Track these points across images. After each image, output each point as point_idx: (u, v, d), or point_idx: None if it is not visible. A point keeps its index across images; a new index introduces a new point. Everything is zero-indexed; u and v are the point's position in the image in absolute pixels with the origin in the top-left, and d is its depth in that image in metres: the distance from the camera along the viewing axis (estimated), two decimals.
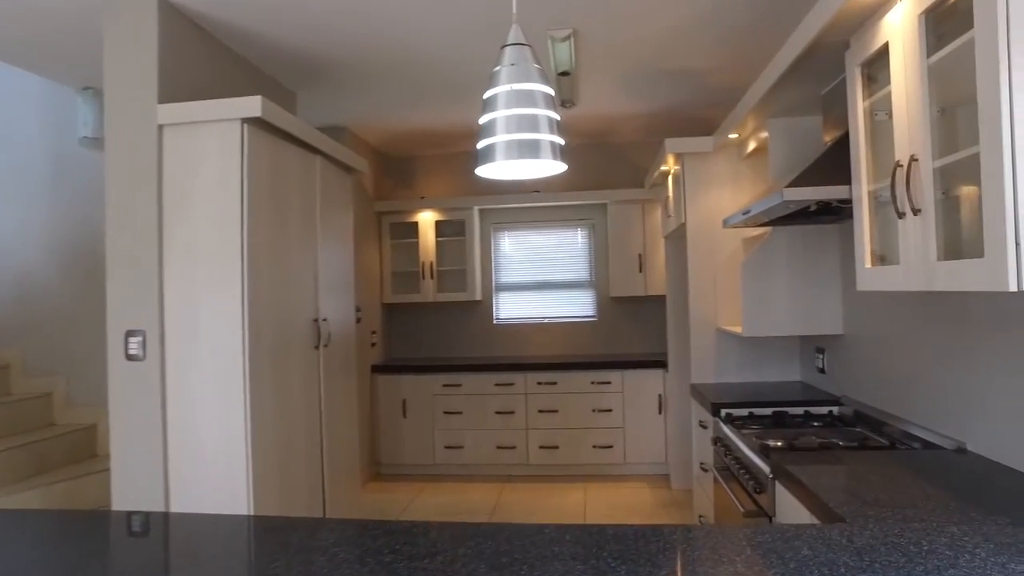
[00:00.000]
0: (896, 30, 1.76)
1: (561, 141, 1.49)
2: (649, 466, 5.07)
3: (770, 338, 3.61)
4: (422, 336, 5.88)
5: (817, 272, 3.06)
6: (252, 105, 2.61)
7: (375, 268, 5.52)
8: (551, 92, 1.48)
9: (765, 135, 3.30)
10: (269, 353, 2.78)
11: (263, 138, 2.76)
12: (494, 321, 5.82)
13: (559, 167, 1.57)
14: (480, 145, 1.48)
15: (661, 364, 4.98)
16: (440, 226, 5.66)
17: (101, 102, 3.76)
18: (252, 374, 2.63)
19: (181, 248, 2.64)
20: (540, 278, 5.80)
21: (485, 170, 1.56)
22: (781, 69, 2.46)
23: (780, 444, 2.29)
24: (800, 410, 2.93)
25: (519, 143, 1.41)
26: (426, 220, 5.57)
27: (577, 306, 5.77)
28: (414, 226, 5.67)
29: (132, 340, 2.61)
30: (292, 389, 2.98)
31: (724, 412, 2.96)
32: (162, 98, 2.67)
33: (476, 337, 5.82)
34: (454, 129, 5.07)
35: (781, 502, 2.01)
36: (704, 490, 3.36)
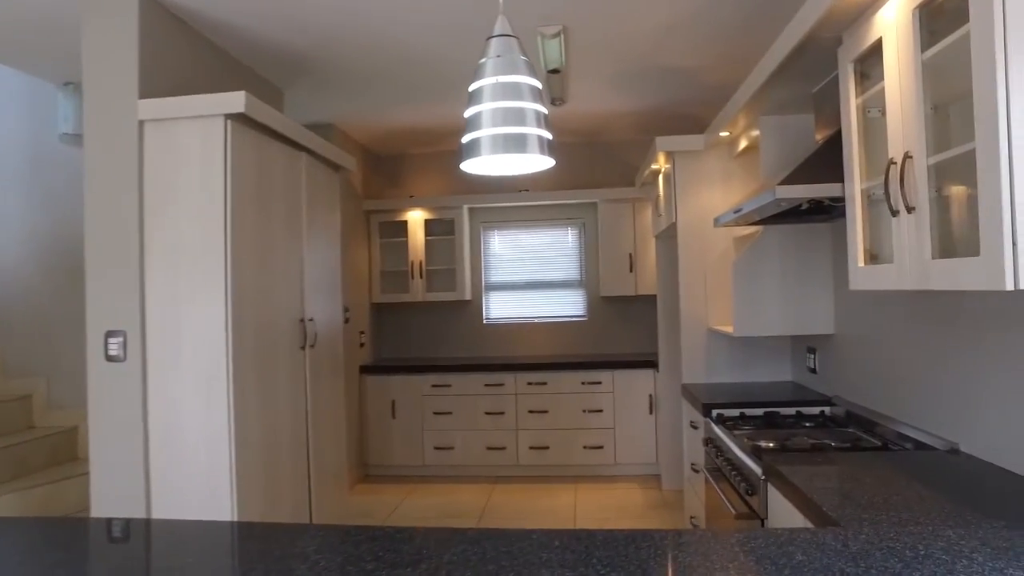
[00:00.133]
0: (890, 25, 1.73)
1: (549, 135, 1.45)
2: (640, 467, 5.05)
3: (761, 338, 3.59)
4: (411, 336, 5.83)
5: (808, 271, 3.04)
6: (235, 101, 2.55)
7: (363, 267, 5.46)
8: (538, 85, 1.44)
9: (756, 133, 3.28)
10: (253, 354, 2.73)
11: (247, 135, 2.71)
12: (484, 321, 5.78)
13: (547, 162, 1.52)
14: (465, 139, 1.44)
15: (652, 364, 4.96)
16: (429, 225, 5.61)
17: (82, 98, 3.69)
18: (236, 375, 2.58)
19: (163, 247, 2.58)
20: (530, 278, 5.76)
21: (470, 165, 1.51)
22: (773, 66, 2.44)
23: (772, 445, 2.27)
24: (792, 410, 2.91)
25: (505, 137, 1.36)
26: (415, 219, 5.52)
27: (567, 306, 5.73)
28: (403, 225, 5.62)
29: (112, 341, 2.55)
30: (277, 390, 2.93)
31: (715, 413, 2.93)
32: (143, 93, 2.61)
33: (466, 337, 5.78)
34: (444, 127, 5.02)
35: (773, 504, 1.98)
36: (695, 491, 3.33)
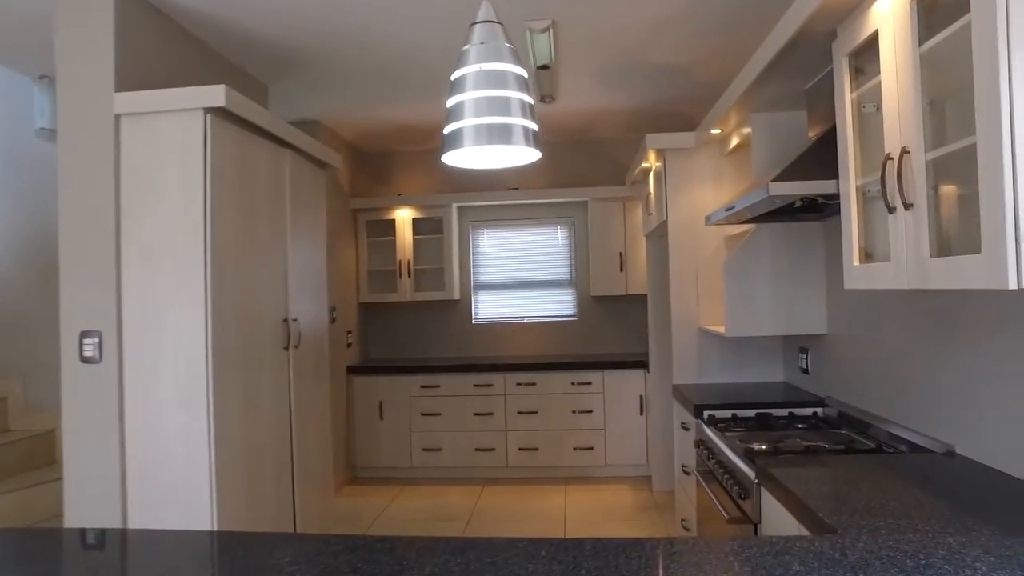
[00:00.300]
0: (886, 17, 1.69)
1: (535, 126, 1.38)
2: (630, 468, 5.00)
3: (753, 338, 3.55)
4: (399, 336, 5.76)
5: (801, 270, 3.00)
6: (215, 94, 2.48)
7: (351, 267, 5.39)
8: (524, 74, 1.38)
9: (748, 131, 3.24)
10: (235, 355, 2.66)
11: (228, 130, 2.64)
12: (473, 321, 5.72)
13: (533, 154, 1.46)
14: (446, 130, 1.37)
15: (642, 364, 4.91)
16: (417, 224, 5.54)
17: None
18: (216, 377, 2.51)
19: (140, 244, 2.51)
20: (520, 277, 5.70)
21: (452, 157, 1.44)
22: (765, 61, 2.39)
23: (764, 447, 2.23)
24: (784, 411, 2.87)
25: (489, 128, 1.30)
26: (403, 217, 5.45)
27: (557, 306, 5.68)
28: (391, 224, 5.54)
29: (87, 341, 2.47)
30: (260, 392, 2.86)
31: (707, 414, 2.89)
32: (119, 87, 2.53)
33: (454, 337, 5.71)
34: (432, 124, 4.96)
35: (767, 508, 1.93)
36: (686, 493, 3.29)
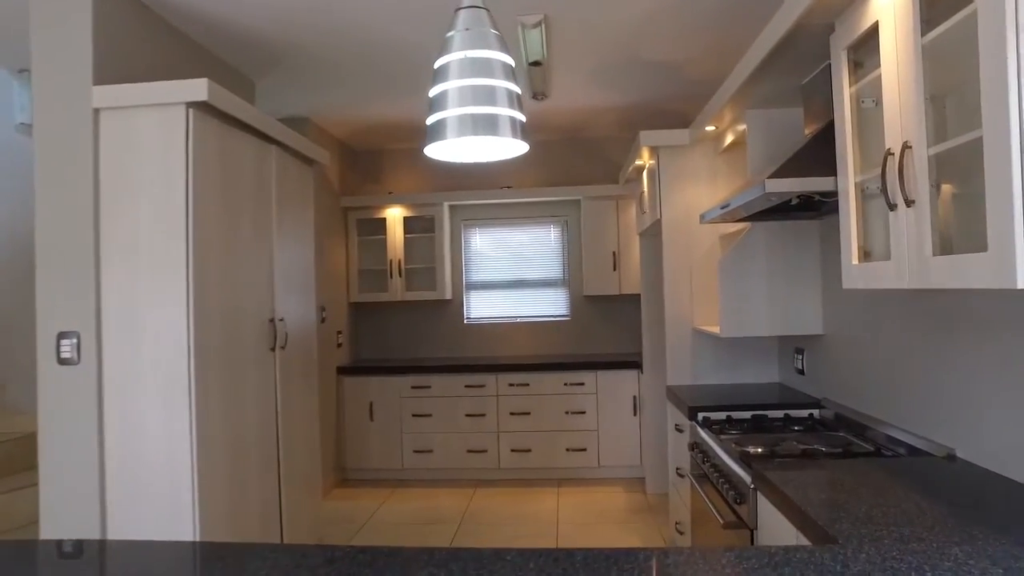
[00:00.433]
0: (887, 9, 1.63)
1: (523, 117, 1.31)
2: (624, 469, 4.95)
3: (748, 338, 3.50)
4: (390, 336, 5.69)
5: (797, 270, 2.95)
6: (197, 88, 2.41)
7: (341, 266, 5.31)
8: (511, 62, 1.31)
9: (743, 128, 3.19)
10: (219, 356, 2.59)
11: (211, 125, 2.57)
12: (465, 321, 5.65)
13: (520, 147, 1.39)
14: (429, 121, 1.30)
15: (636, 365, 4.86)
16: (409, 222, 5.47)
17: None
18: (199, 379, 2.44)
19: (120, 242, 2.44)
20: (512, 276, 5.64)
21: (435, 149, 1.38)
22: (761, 56, 2.34)
23: (760, 451, 2.17)
24: (780, 413, 2.82)
25: (473, 118, 1.23)
26: (394, 216, 5.38)
27: (550, 305, 5.62)
28: (381, 222, 5.47)
29: (65, 342, 2.40)
30: (245, 394, 2.79)
31: (701, 416, 2.84)
32: (98, 80, 2.46)
33: (446, 337, 5.65)
34: (423, 121, 4.89)
35: (764, 514, 1.88)
36: (681, 496, 3.24)
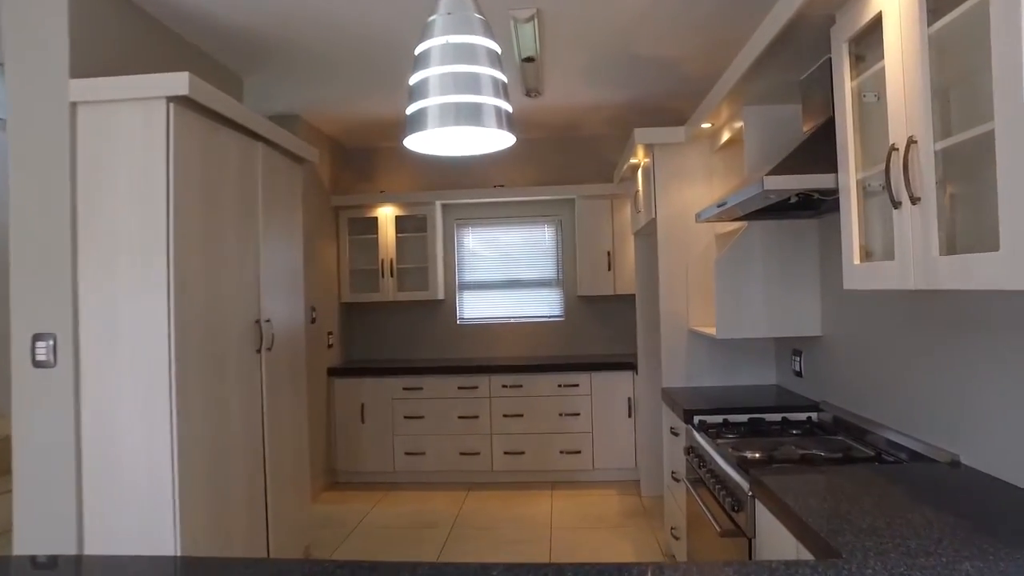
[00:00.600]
0: None
1: (508, 107, 1.24)
2: (618, 472, 4.89)
3: (744, 340, 3.44)
4: (382, 337, 5.62)
5: (794, 270, 2.89)
6: (178, 82, 2.34)
7: (332, 265, 5.24)
8: (497, 49, 1.24)
9: (740, 125, 3.12)
10: (201, 358, 2.51)
11: (193, 120, 2.49)
12: (457, 321, 5.58)
13: (506, 139, 1.32)
14: (409, 110, 1.23)
15: (631, 366, 4.80)
16: (401, 222, 5.40)
17: None
18: (180, 382, 2.36)
19: (98, 241, 2.36)
20: (505, 276, 5.57)
21: (415, 141, 1.31)
22: (759, 50, 2.28)
23: (758, 456, 2.12)
24: (777, 416, 2.76)
25: (456, 107, 1.16)
26: (386, 215, 5.30)
27: (544, 306, 5.56)
28: (373, 221, 5.39)
29: (40, 344, 2.32)
30: (229, 398, 2.72)
31: (697, 419, 2.77)
32: (75, 73, 2.38)
33: (438, 338, 5.57)
34: None
35: (762, 522, 1.82)
36: (676, 501, 3.17)
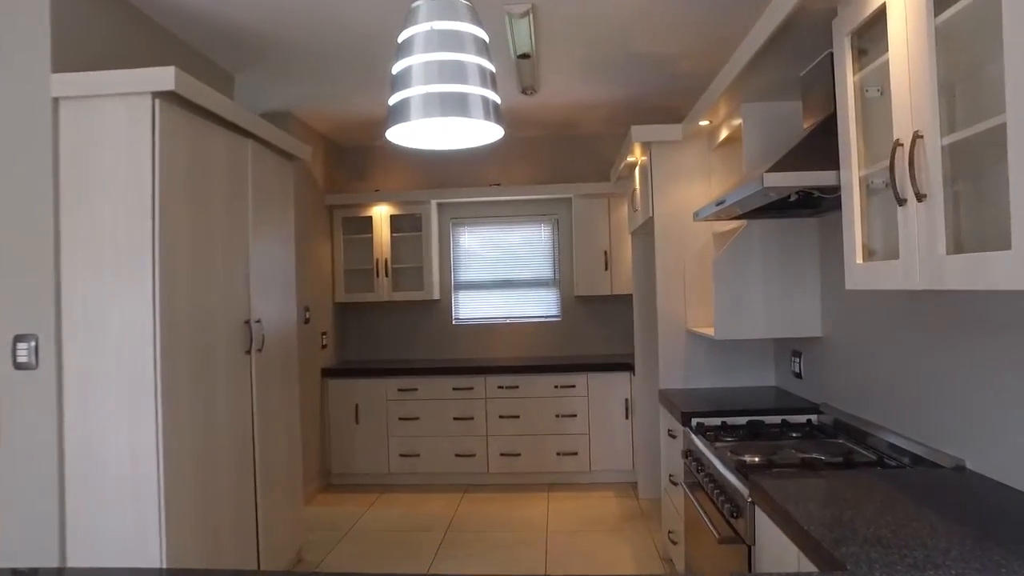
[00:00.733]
0: None
1: (497, 98, 1.18)
2: (616, 474, 4.84)
3: (743, 341, 3.39)
4: (376, 337, 5.56)
5: (794, 269, 2.84)
6: (164, 77, 2.28)
7: (326, 265, 5.18)
8: (484, 36, 1.19)
9: (738, 122, 3.07)
10: (188, 360, 2.45)
11: (180, 116, 2.44)
12: (453, 321, 5.52)
13: (494, 131, 1.26)
14: (392, 100, 1.17)
15: (628, 367, 4.74)
16: (395, 221, 5.34)
17: None
18: (166, 384, 2.31)
19: (82, 240, 2.30)
20: (502, 276, 5.52)
21: (397, 133, 1.24)
22: (758, 44, 2.23)
23: (757, 460, 2.06)
24: (777, 419, 2.71)
25: (441, 97, 1.11)
26: (380, 214, 5.25)
27: (540, 306, 5.50)
28: (368, 220, 5.34)
29: (21, 346, 2.26)
30: (217, 400, 2.66)
31: (695, 422, 2.72)
32: (57, 68, 2.32)
33: (434, 338, 5.52)
34: None
35: (762, 529, 1.77)
36: (674, 504, 3.12)
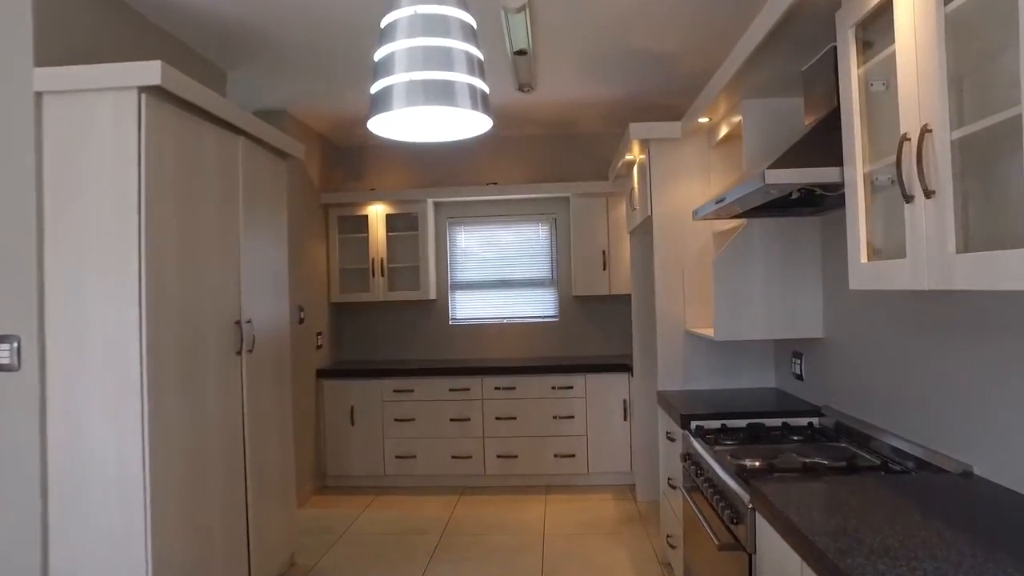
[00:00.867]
0: None
1: (484, 86, 1.12)
2: (613, 476, 4.78)
3: (743, 342, 3.33)
4: (372, 338, 5.50)
5: (795, 269, 2.79)
6: (150, 71, 2.22)
7: (321, 264, 5.12)
8: (472, 22, 1.12)
9: (738, 119, 3.02)
10: (176, 361, 2.40)
11: (167, 112, 2.38)
12: (449, 322, 5.47)
13: (482, 122, 1.20)
14: (374, 89, 1.10)
15: (626, 368, 4.69)
16: (391, 220, 5.28)
17: None
18: (153, 386, 2.25)
19: (66, 238, 2.25)
20: (499, 276, 5.46)
21: (380, 123, 1.18)
22: (759, 38, 2.17)
23: (758, 464, 2.01)
24: (777, 422, 2.65)
25: (425, 85, 1.02)
26: (376, 213, 5.19)
27: (538, 306, 5.45)
28: (363, 220, 5.28)
29: (3, 347, 2.21)
30: (206, 402, 2.60)
31: (694, 424, 2.67)
32: (41, 61, 2.26)
33: (430, 339, 5.46)
34: None
35: (763, 537, 1.71)
36: (672, 508, 3.07)
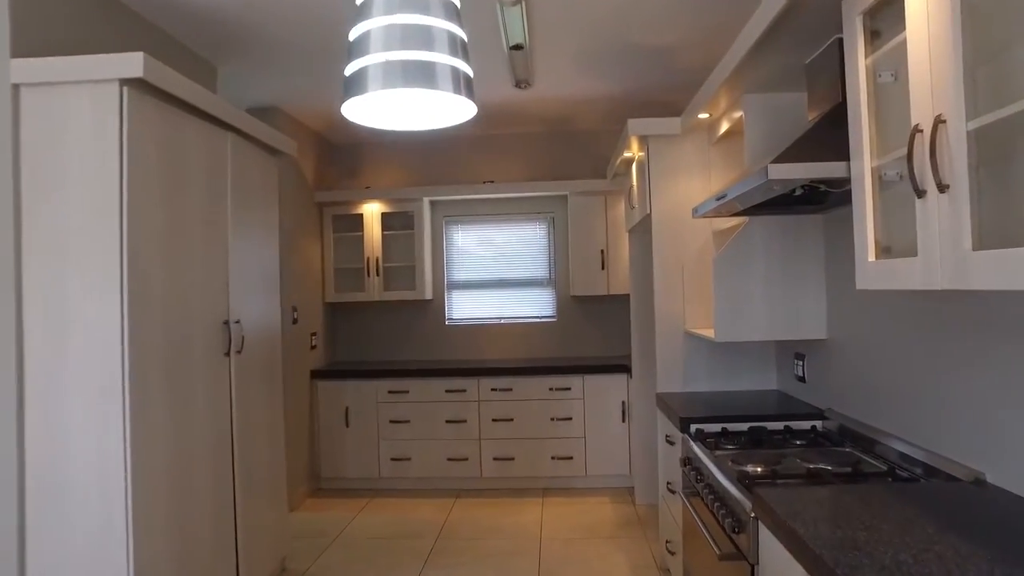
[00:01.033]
0: None
1: (468, 69, 1.04)
2: (612, 478, 4.71)
3: (744, 343, 3.26)
4: (367, 338, 5.43)
5: (798, 268, 2.72)
6: (132, 63, 2.15)
7: (316, 264, 5.05)
8: (455, 0, 1.05)
9: (739, 115, 2.95)
10: (160, 362, 2.32)
11: (151, 106, 2.31)
12: (446, 322, 5.39)
13: (466, 108, 1.12)
14: (348, 70, 1.03)
15: (625, 369, 4.62)
16: (387, 219, 5.21)
17: None
18: (135, 387, 2.18)
19: (45, 235, 2.17)
20: (495, 276, 5.39)
21: (353, 107, 1.10)
22: (761, 29, 2.10)
23: (760, 470, 1.95)
24: (779, 425, 2.58)
25: (404, 66, 0.93)
26: (372, 212, 5.11)
27: (535, 306, 5.37)
28: (358, 218, 5.20)
29: None
30: (193, 404, 2.53)
31: (694, 428, 2.60)
32: (18, 51, 2.19)
33: (426, 339, 5.39)
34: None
35: (766, 547, 1.64)
36: (671, 513, 3.00)
